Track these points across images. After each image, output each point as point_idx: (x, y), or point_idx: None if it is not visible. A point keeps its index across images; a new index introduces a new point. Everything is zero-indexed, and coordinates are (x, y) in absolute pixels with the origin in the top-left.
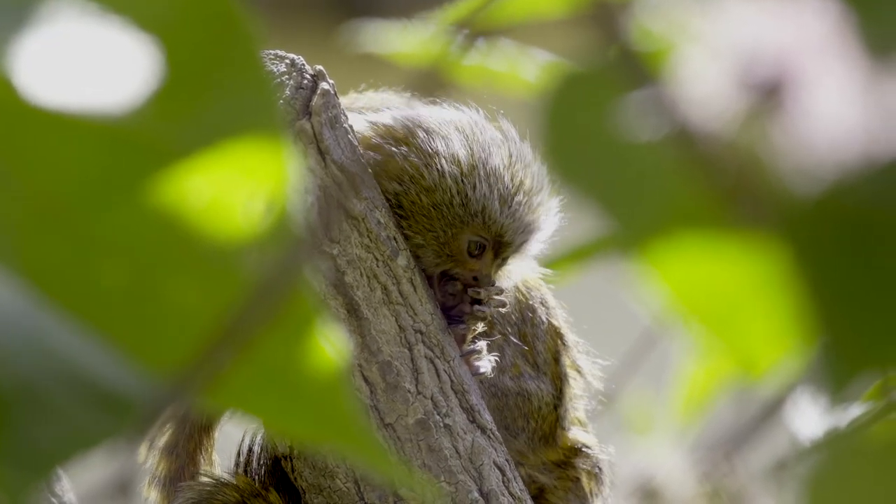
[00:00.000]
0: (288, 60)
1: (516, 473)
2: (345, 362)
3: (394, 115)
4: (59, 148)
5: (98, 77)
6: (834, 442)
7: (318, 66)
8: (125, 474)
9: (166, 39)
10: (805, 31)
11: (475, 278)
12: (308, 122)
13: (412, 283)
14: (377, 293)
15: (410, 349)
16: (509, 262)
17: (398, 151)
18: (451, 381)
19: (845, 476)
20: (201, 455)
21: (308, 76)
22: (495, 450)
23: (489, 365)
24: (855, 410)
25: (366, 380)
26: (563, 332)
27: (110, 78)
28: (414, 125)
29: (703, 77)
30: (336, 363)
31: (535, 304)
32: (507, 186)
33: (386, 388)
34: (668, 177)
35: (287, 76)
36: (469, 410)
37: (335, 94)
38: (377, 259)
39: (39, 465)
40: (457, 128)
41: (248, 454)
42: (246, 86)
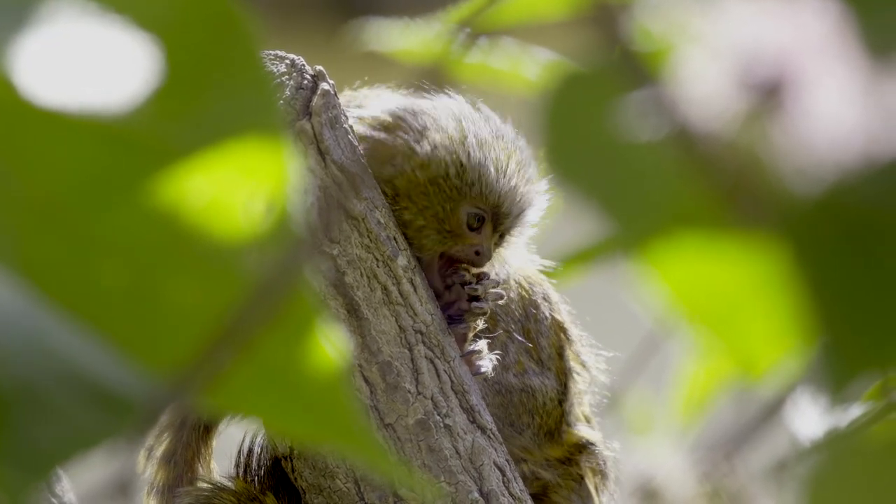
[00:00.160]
0: (288, 61)
1: (516, 474)
2: (345, 362)
3: (380, 107)
4: (59, 148)
5: (98, 77)
6: (834, 442)
7: (319, 67)
8: (125, 474)
9: (166, 39)
10: (805, 32)
11: (477, 252)
12: (308, 122)
13: (412, 284)
14: (377, 293)
15: (410, 349)
16: (506, 240)
17: (388, 136)
18: (452, 381)
19: (845, 476)
20: (199, 463)
21: (308, 76)
22: (495, 450)
23: (490, 364)
24: (855, 411)
25: (366, 380)
26: (567, 326)
27: (110, 78)
28: (400, 110)
29: (703, 77)
30: (336, 363)
31: (538, 300)
32: (499, 157)
33: (386, 388)
34: (669, 177)
35: (287, 76)
36: (469, 411)
37: (335, 94)
38: (377, 259)
39: (39, 465)
40: (443, 105)
41: (248, 455)
42: (246, 86)
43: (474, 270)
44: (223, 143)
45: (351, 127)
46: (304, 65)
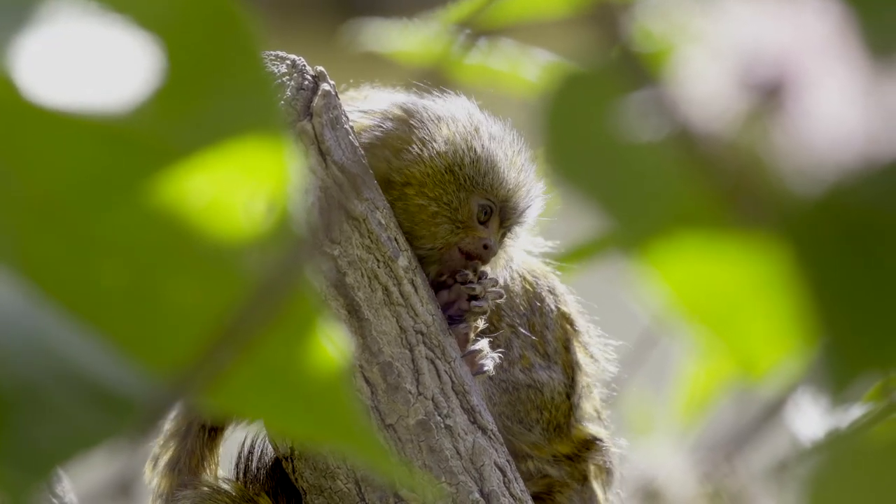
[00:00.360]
0: (289, 61)
1: (517, 474)
2: (346, 363)
3: (389, 101)
4: (59, 148)
5: (98, 77)
6: (835, 443)
7: (319, 67)
8: (126, 474)
9: (167, 39)
10: (806, 32)
11: (485, 246)
12: (309, 122)
13: (413, 284)
14: (378, 294)
15: (411, 350)
16: (510, 237)
17: (401, 126)
18: (452, 381)
19: (846, 477)
20: (204, 470)
21: (309, 77)
22: (496, 451)
23: (492, 363)
24: (856, 411)
25: (367, 381)
26: (574, 317)
27: (111, 77)
28: (411, 103)
29: (704, 77)
30: (337, 364)
31: (543, 293)
32: (508, 152)
33: (387, 388)
34: (669, 177)
35: (288, 77)
36: (470, 411)
37: (336, 94)
38: (378, 260)
39: (40, 465)
40: (452, 101)
41: (249, 456)
42: (247, 86)
43: (479, 268)
44: (224, 144)
45: (352, 127)
46: (304, 65)
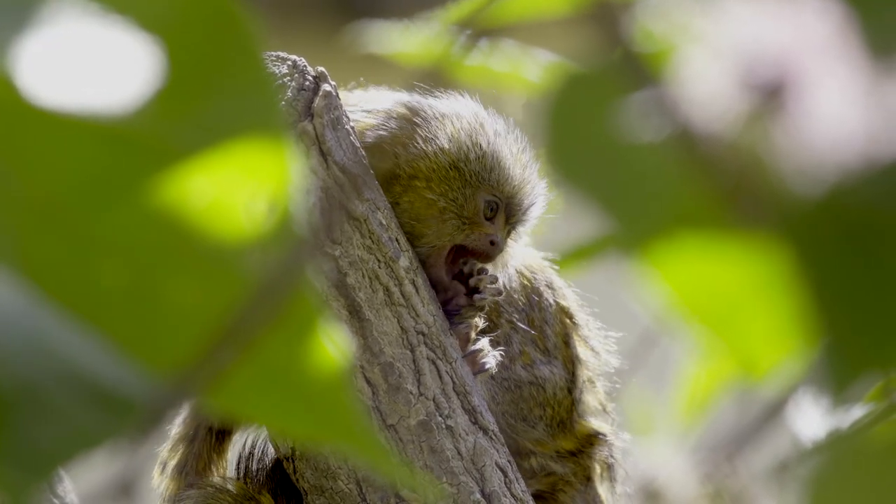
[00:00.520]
0: (290, 62)
1: (518, 475)
2: (347, 363)
3: (393, 100)
4: (59, 148)
5: (99, 77)
6: (836, 443)
7: (320, 68)
8: (127, 475)
9: (168, 40)
10: (806, 32)
11: (492, 242)
12: (310, 123)
13: (414, 285)
14: (379, 294)
15: (412, 350)
16: (513, 236)
17: (406, 124)
18: (454, 382)
19: (847, 477)
20: (212, 474)
21: (310, 78)
22: (497, 451)
23: (494, 361)
24: (857, 412)
25: (368, 381)
26: (573, 311)
27: (111, 78)
28: (415, 102)
29: (705, 78)
30: (338, 364)
31: (541, 287)
32: (513, 149)
33: (388, 389)
34: (670, 178)
35: (289, 78)
36: (471, 412)
37: (337, 95)
38: (379, 260)
39: (41, 465)
40: (456, 100)
41: (249, 456)
42: (248, 87)
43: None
44: (225, 144)
45: (353, 128)
46: (305, 66)
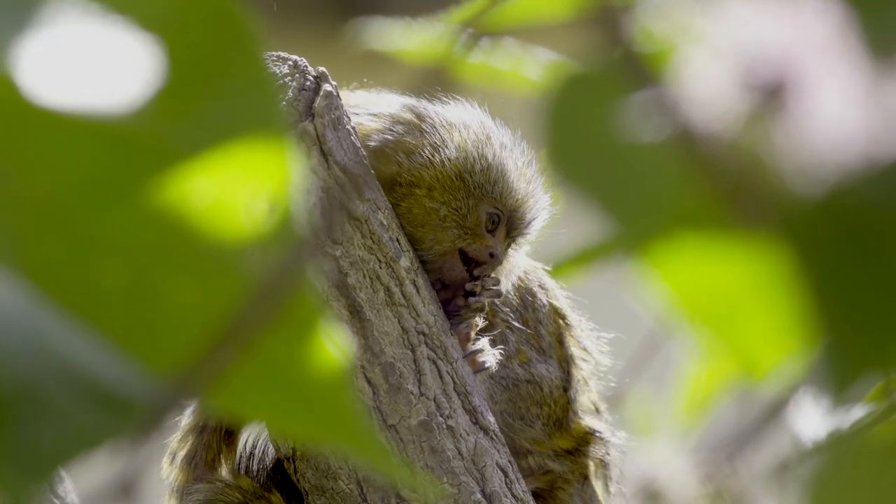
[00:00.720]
0: (291, 62)
1: (519, 475)
2: (347, 363)
3: (399, 104)
4: (60, 148)
5: (100, 77)
6: (836, 443)
7: (321, 68)
8: (128, 475)
9: (168, 40)
10: (807, 32)
11: (492, 255)
12: (311, 123)
13: (415, 285)
14: (380, 295)
15: (413, 351)
16: (514, 248)
17: (412, 130)
18: (454, 382)
19: (848, 477)
20: (221, 465)
21: (311, 78)
22: (498, 451)
23: (494, 360)
24: (857, 412)
25: (368, 381)
26: (566, 312)
27: (112, 78)
28: (422, 108)
29: (706, 78)
30: (339, 364)
31: (534, 288)
32: (518, 162)
33: (389, 389)
34: (671, 178)
35: (290, 78)
36: (472, 412)
37: (338, 95)
38: (380, 261)
39: (41, 465)
40: (463, 109)
41: (250, 457)
42: (248, 87)
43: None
44: (225, 144)
45: (354, 128)
46: (306, 66)
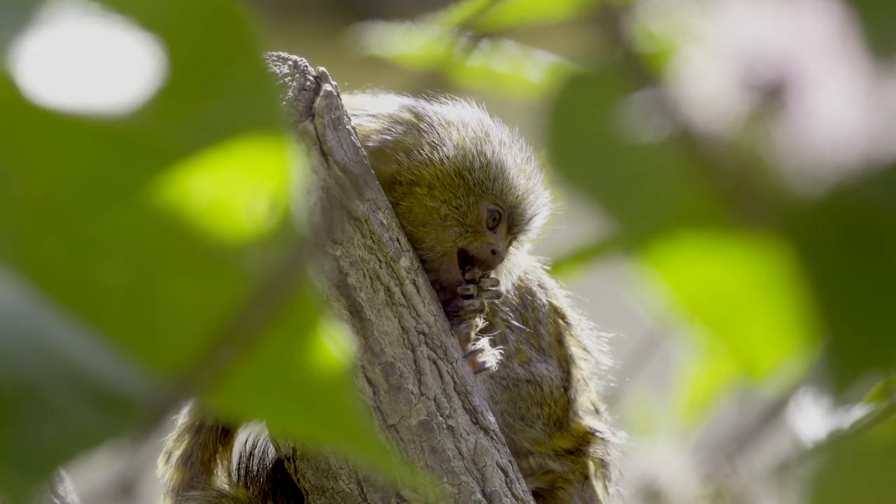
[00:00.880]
0: (291, 62)
1: (519, 475)
2: (348, 363)
3: (397, 105)
4: (60, 148)
5: (100, 77)
6: (836, 443)
7: (321, 68)
8: (128, 475)
9: (169, 40)
10: (807, 32)
11: (493, 252)
12: (311, 123)
13: (415, 285)
14: (380, 294)
15: (413, 350)
16: (515, 245)
17: (411, 129)
18: (454, 382)
19: (848, 477)
20: (216, 465)
21: (311, 78)
22: (498, 451)
23: (494, 359)
24: (857, 412)
25: (369, 381)
26: (565, 311)
27: (112, 78)
28: (421, 107)
29: (706, 78)
30: (339, 364)
31: (534, 287)
32: (517, 159)
33: (389, 389)
34: (671, 178)
35: (290, 78)
36: (472, 412)
37: (338, 95)
38: (380, 260)
39: (41, 465)
40: (461, 107)
41: (250, 457)
42: (249, 87)
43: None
44: (226, 144)
45: (354, 128)
46: (306, 66)
